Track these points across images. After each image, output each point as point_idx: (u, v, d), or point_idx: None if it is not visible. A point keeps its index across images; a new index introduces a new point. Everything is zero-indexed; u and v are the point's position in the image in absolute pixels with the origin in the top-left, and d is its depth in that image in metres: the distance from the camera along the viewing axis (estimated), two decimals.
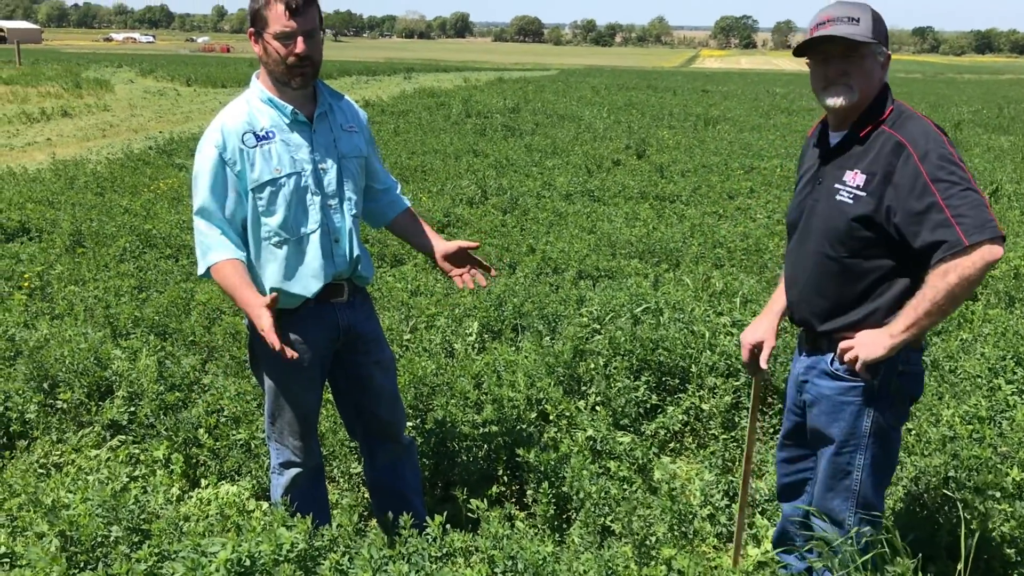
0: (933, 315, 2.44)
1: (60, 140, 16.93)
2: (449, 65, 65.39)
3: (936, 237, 2.38)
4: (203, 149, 2.86)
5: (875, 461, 2.74)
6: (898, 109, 2.63)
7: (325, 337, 3.05)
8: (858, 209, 2.58)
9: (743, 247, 7.77)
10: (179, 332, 5.48)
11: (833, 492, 2.82)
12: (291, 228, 2.92)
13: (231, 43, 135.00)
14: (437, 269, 7.19)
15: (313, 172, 2.93)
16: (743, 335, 3.11)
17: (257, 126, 2.87)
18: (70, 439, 4.47)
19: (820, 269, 2.73)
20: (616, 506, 3.57)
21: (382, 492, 3.46)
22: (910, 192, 2.44)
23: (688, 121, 20.59)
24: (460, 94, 27.73)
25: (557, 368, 4.87)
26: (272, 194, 2.87)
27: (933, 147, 2.46)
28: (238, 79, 36.28)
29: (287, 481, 3.25)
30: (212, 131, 2.86)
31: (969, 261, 2.34)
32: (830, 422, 2.77)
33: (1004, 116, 24.40)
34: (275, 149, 2.87)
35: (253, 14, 2.81)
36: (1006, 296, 6.66)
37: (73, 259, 7.26)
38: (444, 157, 13.29)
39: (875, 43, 2.56)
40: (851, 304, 2.68)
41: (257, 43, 2.84)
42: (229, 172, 2.84)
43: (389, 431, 3.36)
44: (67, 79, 31.40)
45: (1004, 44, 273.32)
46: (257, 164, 2.85)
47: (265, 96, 2.91)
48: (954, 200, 2.37)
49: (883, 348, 2.52)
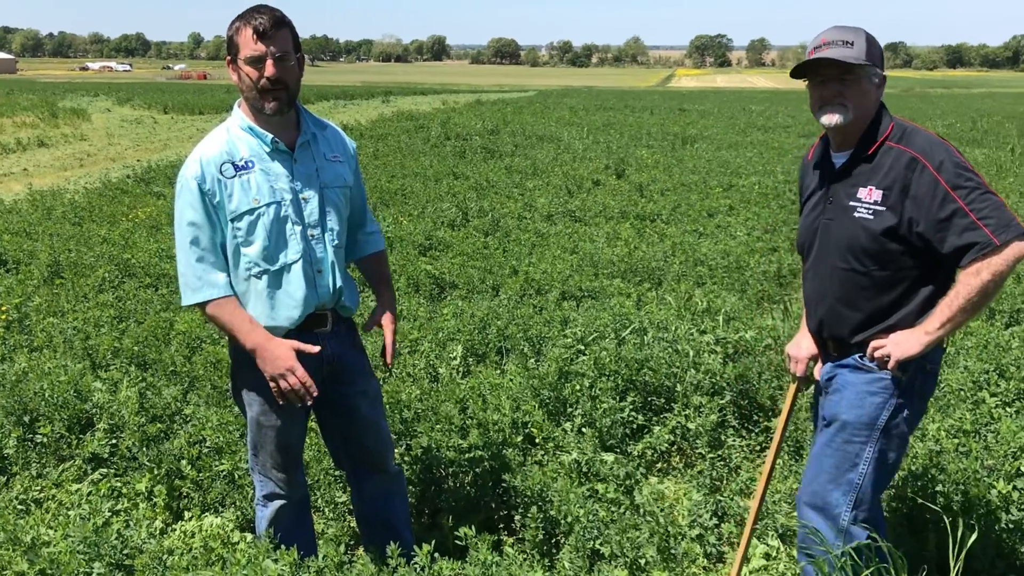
0: (967, 311, 2.58)
1: (37, 170, 16.82)
2: (427, 88, 65.56)
3: (966, 240, 2.53)
4: (183, 181, 2.82)
5: (882, 458, 2.80)
6: (899, 125, 2.74)
7: (310, 368, 2.97)
8: (882, 223, 2.68)
9: (724, 265, 7.79)
10: (159, 362, 5.42)
11: (835, 484, 2.85)
12: (271, 258, 2.88)
13: (208, 70, 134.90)
14: (419, 294, 7.20)
15: (293, 202, 2.89)
16: (793, 350, 3.16)
17: (236, 156, 2.84)
18: (50, 474, 4.40)
19: (849, 284, 2.81)
20: (605, 529, 3.55)
21: (371, 523, 3.42)
22: (932, 201, 2.57)
23: (666, 140, 20.71)
24: (439, 117, 27.79)
25: (542, 390, 4.85)
26: (251, 224, 2.83)
27: (946, 156, 2.59)
28: (215, 106, 36.21)
29: (271, 513, 3.20)
30: (191, 162, 2.83)
31: (1001, 259, 2.50)
32: (850, 407, 2.83)
33: (978, 129, 24.69)
34: (254, 179, 2.83)
35: (228, 41, 2.80)
36: (987, 309, 6.70)
37: (51, 290, 7.18)
38: (424, 180, 13.29)
39: (869, 65, 2.68)
40: (885, 313, 2.77)
41: (234, 71, 2.82)
42: (208, 203, 2.81)
43: (376, 461, 3.31)
44: (43, 109, 31.22)
45: (975, 58, 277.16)
46: (235, 195, 2.81)
47: (245, 124, 2.88)
48: (976, 204, 2.52)
49: (920, 345, 2.65)
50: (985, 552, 3.37)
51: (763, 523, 3.85)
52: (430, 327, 6.02)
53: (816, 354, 3.10)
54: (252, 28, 2.72)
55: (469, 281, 7.38)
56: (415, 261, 7.99)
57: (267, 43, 2.73)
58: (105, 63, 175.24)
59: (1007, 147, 19.33)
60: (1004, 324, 6.42)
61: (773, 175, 13.92)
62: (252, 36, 2.72)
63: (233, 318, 2.85)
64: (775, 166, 15.24)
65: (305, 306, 2.95)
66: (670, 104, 40.89)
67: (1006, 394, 4.81)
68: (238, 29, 2.75)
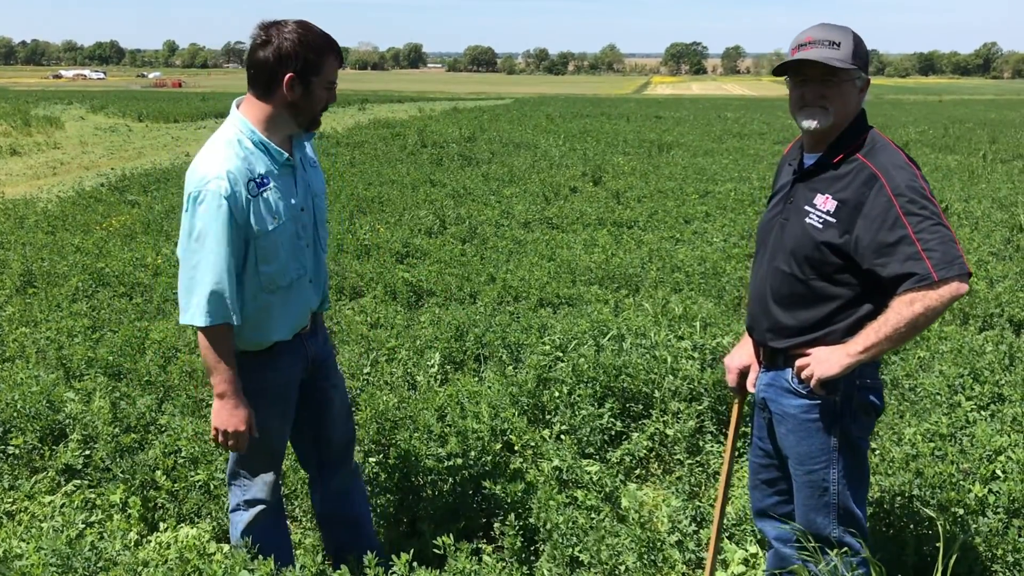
0: (892, 340, 2.51)
1: (9, 179, 16.63)
2: (404, 95, 65.42)
3: (906, 269, 2.45)
4: (211, 198, 2.68)
5: (849, 473, 2.77)
6: (872, 138, 2.67)
7: (299, 369, 3.04)
8: (825, 235, 2.63)
9: (701, 271, 7.82)
10: (134, 372, 5.37)
11: (815, 510, 2.84)
12: (284, 275, 2.87)
13: (183, 78, 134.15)
14: (397, 301, 7.17)
15: (299, 216, 2.90)
16: (728, 360, 3.15)
17: (255, 172, 2.77)
18: (23, 486, 4.34)
19: (787, 288, 2.77)
20: (584, 536, 3.55)
21: (335, 523, 3.42)
22: (882, 223, 2.50)
23: (642, 147, 20.77)
24: (415, 124, 27.76)
25: (521, 398, 4.85)
26: (272, 243, 2.80)
27: (906, 180, 2.52)
28: (190, 114, 36.01)
29: (250, 518, 3.17)
30: (216, 179, 2.68)
31: (936, 295, 2.42)
32: (798, 441, 2.80)
33: (950, 136, 24.94)
34: (272, 196, 2.79)
35: (305, 59, 2.72)
36: (961, 313, 6.76)
37: (24, 300, 7.10)
38: (401, 188, 13.27)
39: (854, 68, 2.61)
40: (815, 326, 2.72)
41: (295, 88, 2.74)
42: (236, 223, 2.71)
43: (344, 456, 3.35)
44: (15, 117, 30.87)
45: (946, 66, 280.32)
46: (261, 213, 2.76)
47: (257, 138, 2.79)
48: (925, 234, 2.44)
49: (839, 366, 2.58)
50: (965, 556, 3.39)
51: (741, 528, 3.86)
52: (407, 335, 6.00)
53: (748, 365, 3.08)
54: (336, 55, 2.79)
55: (447, 289, 7.36)
56: (392, 269, 7.97)
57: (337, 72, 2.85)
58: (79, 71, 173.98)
59: (979, 153, 19.54)
60: (978, 328, 6.48)
61: (749, 181, 14.00)
62: (335, 62, 2.80)
63: (227, 352, 2.80)
64: (751, 172, 15.33)
65: (307, 316, 3.01)
66: (646, 111, 41.06)
67: (981, 398, 4.85)
68: (323, 51, 2.75)
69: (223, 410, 2.83)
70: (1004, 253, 8.75)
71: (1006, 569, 3.36)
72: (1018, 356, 5.54)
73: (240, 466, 3.16)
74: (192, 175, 2.72)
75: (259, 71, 2.74)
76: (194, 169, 2.73)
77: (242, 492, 3.18)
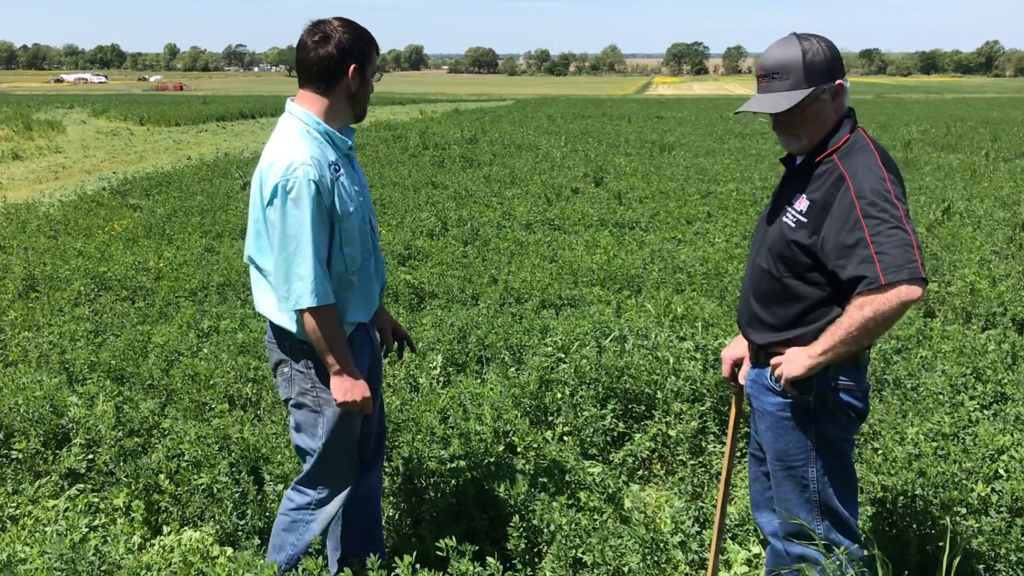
0: (847, 343, 2.53)
1: (11, 183, 16.66)
2: (405, 97, 65.47)
3: (859, 272, 2.45)
4: (299, 182, 2.75)
5: (829, 471, 2.80)
6: (854, 139, 2.67)
7: (367, 360, 3.17)
8: (796, 235, 2.67)
9: (703, 271, 7.82)
10: (137, 376, 5.38)
11: (798, 506, 2.87)
12: (362, 257, 2.99)
13: (184, 81, 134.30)
14: (399, 304, 7.18)
15: (363, 202, 3.02)
16: (724, 351, 3.20)
17: (329, 158, 2.88)
18: (26, 490, 4.35)
19: (765, 285, 2.82)
20: (587, 537, 3.55)
21: (354, 521, 3.42)
22: (843, 225, 2.51)
23: (644, 148, 20.78)
24: (417, 126, 27.78)
25: (523, 399, 4.85)
26: (351, 225, 2.90)
27: (871, 182, 2.51)
28: (192, 118, 36.06)
29: (328, 516, 3.21)
30: (303, 165, 2.77)
31: (885, 299, 2.40)
32: (776, 438, 2.85)
33: (952, 134, 24.92)
34: (345, 181, 2.91)
35: (362, 51, 2.89)
36: (963, 312, 6.76)
37: (26, 304, 7.11)
38: (403, 190, 13.28)
39: (809, 93, 2.60)
40: (789, 324, 2.76)
41: (355, 79, 2.90)
42: (323, 205, 2.81)
43: (378, 452, 3.45)
44: (17, 121, 30.94)
45: (948, 64, 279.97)
46: (342, 195, 2.87)
47: (323, 128, 2.91)
48: (880, 237, 2.43)
49: (802, 367, 2.63)
50: (968, 556, 3.39)
51: (744, 528, 3.86)
52: (410, 337, 5.99)
53: (742, 358, 3.12)
54: (377, 50, 2.95)
55: (448, 290, 7.37)
56: (394, 271, 7.97)
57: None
58: (80, 75, 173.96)
59: (981, 152, 19.53)
60: (980, 328, 6.47)
61: (751, 181, 13.99)
62: (377, 56, 2.96)
63: (338, 329, 2.90)
64: (752, 172, 15.32)
65: (376, 299, 3.14)
66: (648, 112, 41.06)
67: (983, 397, 4.85)
68: (371, 42, 2.93)
69: (344, 383, 2.93)
70: (1006, 252, 8.74)
71: (1009, 568, 3.36)
72: (1021, 355, 5.54)
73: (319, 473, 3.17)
74: (275, 167, 2.79)
75: (323, 66, 2.86)
76: (273, 161, 2.80)
77: (318, 492, 3.20)
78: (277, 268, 2.84)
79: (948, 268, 7.93)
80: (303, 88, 2.94)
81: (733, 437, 3.24)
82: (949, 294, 7.06)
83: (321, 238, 2.81)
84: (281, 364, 3.08)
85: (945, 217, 10.62)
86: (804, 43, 2.63)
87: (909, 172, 15.36)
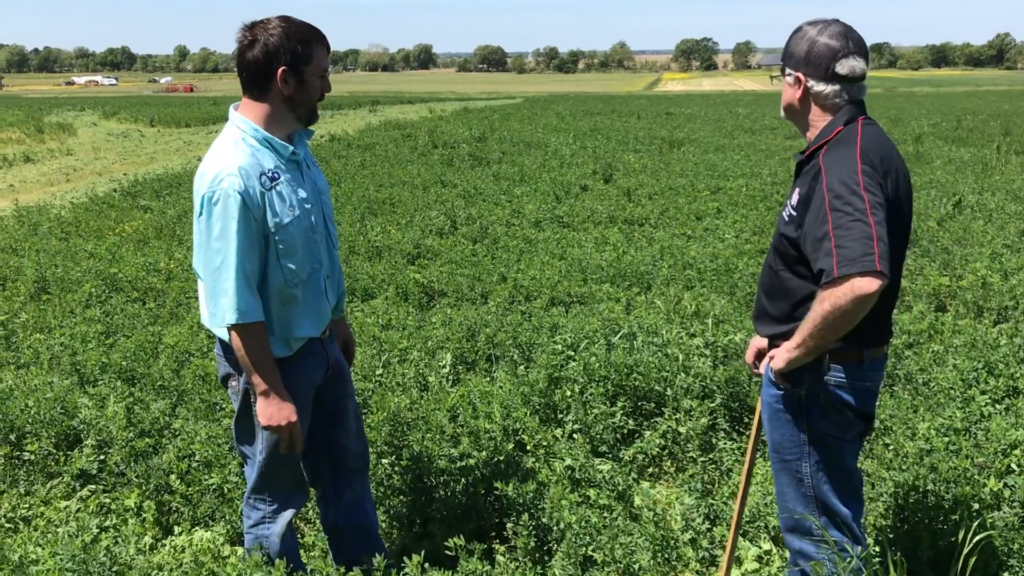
0: (815, 337, 2.51)
1: (23, 186, 16.75)
2: (414, 96, 65.54)
3: (821, 265, 2.43)
4: (222, 194, 2.65)
5: (823, 467, 2.79)
6: (844, 132, 2.65)
7: (319, 374, 3.06)
8: (787, 228, 2.70)
9: (713, 268, 7.80)
10: (147, 377, 5.39)
11: (794, 500, 2.88)
12: (303, 269, 2.87)
13: (195, 83, 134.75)
14: (408, 302, 7.18)
15: (311, 210, 2.90)
16: (753, 339, 3.18)
17: (264, 167, 2.76)
18: (38, 491, 4.37)
19: (768, 279, 2.86)
20: (597, 535, 3.54)
21: (347, 532, 3.39)
22: (815, 219, 2.50)
23: (653, 144, 20.73)
24: (426, 125, 27.81)
25: (533, 397, 4.84)
26: (290, 235, 2.78)
27: (840, 174, 2.49)
28: (202, 119, 36.16)
29: (283, 527, 3.15)
30: (228, 175, 2.66)
31: (840, 292, 2.37)
32: (772, 429, 2.88)
33: (963, 128, 24.78)
34: (285, 190, 2.79)
35: (293, 51, 2.72)
36: (975, 306, 6.72)
37: (38, 306, 7.15)
38: (412, 188, 13.28)
39: (778, 66, 2.79)
40: (784, 318, 2.78)
41: (289, 81, 2.75)
42: (251, 217, 2.69)
43: (360, 463, 3.36)
44: (29, 124, 31.09)
45: (959, 57, 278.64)
46: (276, 206, 2.74)
47: (261, 135, 2.79)
48: (841, 230, 2.40)
49: (782, 361, 2.67)
50: (980, 551, 3.37)
51: (755, 525, 3.84)
52: (419, 336, 6.00)
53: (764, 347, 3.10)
54: (323, 43, 2.79)
55: (458, 289, 7.37)
56: (404, 270, 7.98)
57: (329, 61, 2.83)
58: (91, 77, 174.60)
59: (992, 145, 19.40)
60: (992, 321, 6.44)
61: (760, 177, 13.95)
62: (323, 50, 2.79)
63: (264, 348, 2.79)
64: (762, 168, 15.27)
65: (328, 313, 3.02)
66: (657, 108, 40.98)
67: (996, 391, 4.82)
68: (309, 42, 2.75)
69: (270, 406, 2.82)
70: (1018, 245, 8.68)
71: (1023, 563, 3.34)
72: None
73: (262, 483, 3.12)
74: (202, 178, 2.69)
75: (251, 71, 2.74)
76: (203, 172, 2.70)
77: (268, 505, 3.15)
78: (205, 282, 2.75)
79: (959, 262, 7.89)
80: (244, 94, 2.83)
81: (757, 431, 3.22)
82: (960, 288, 7.02)
83: (247, 252, 2.68)
84: (229, 378, 2.99)
85: (956, 211, 10.56)
86: (809, 26, 2.69)
87: (920, 166, 15.28)
